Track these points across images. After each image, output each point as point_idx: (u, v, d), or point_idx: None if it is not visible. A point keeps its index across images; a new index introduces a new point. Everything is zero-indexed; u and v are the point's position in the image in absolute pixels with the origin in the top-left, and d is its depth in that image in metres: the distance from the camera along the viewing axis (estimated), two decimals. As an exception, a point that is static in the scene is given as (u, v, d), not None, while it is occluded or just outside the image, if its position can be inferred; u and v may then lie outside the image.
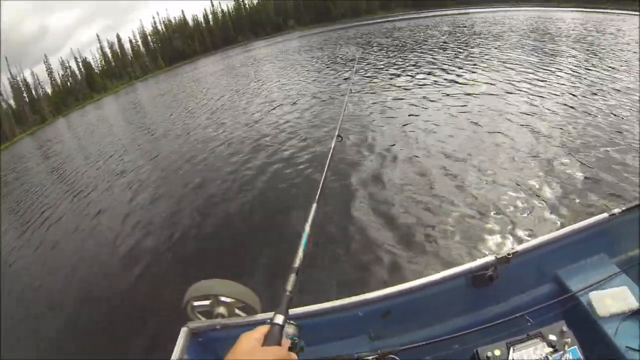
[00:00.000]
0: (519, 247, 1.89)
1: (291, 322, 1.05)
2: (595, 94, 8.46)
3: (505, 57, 14.29)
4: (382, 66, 16.53)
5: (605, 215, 1.99)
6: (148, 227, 6.63)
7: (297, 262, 1.19)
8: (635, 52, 11.98)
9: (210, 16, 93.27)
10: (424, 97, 10.59)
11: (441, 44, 21.04)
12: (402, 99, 10.97)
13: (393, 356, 1.60)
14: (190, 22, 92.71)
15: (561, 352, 1.52)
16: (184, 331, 1.67)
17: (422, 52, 18.74)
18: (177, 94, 26.95)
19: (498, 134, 7.15)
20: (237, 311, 1.76)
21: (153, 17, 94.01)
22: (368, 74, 15.23)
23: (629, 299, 1.73)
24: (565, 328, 1.59)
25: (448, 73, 13.06)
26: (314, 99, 12.97)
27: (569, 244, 1.99)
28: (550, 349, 1.54)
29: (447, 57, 16.40)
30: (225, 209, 6.48)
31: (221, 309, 1.71)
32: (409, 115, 9.30)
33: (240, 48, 71.51)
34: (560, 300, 1.82)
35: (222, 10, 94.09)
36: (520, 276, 1.99)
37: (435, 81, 12.25)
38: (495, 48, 16.86)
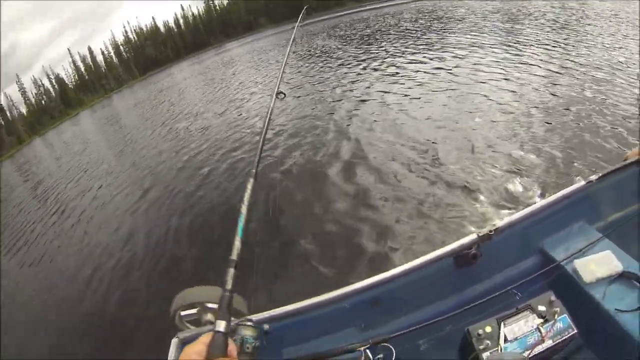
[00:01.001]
0: (500, 223, 1.87)
1: (247, 323, 1.01)
2: (565, 68, 8.52)
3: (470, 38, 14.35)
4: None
5: (582, 183, 2.01)
6: (118, 244, 6.51)
7: (234, 254, 1.05)
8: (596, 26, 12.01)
9: (181, 20, 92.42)
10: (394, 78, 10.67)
11: (404, 29, 21.11)
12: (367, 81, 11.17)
13: (385, 344, 1.59)
14: (162, 28, 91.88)
15: (552, 322, 1.53)
16: (174, 342, 1.63)
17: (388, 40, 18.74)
18: (151, 105, 26.49)
19: (467, 105, 7.26)
20: None
21: (124, 26, 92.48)
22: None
23: (613, 262, 1.73)
24: (553, 297, 1.60)
25: (418, 54, 13.11)
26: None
27: (550, 214, 2.00)
28: (541, 320, 1.56)
29: (413, 40, 16.42)
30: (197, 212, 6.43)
31: (209, 316, 1.67)
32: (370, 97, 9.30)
33: (213, 50, 70.87)
34: (546, 271, 1.81)
35: (193, 14, 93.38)
36: (504, 251, 1.99)
37: (409, 62, 12.29)
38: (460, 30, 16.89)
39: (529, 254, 2.08)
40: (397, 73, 11.50)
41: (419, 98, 8.67)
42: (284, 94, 2.27)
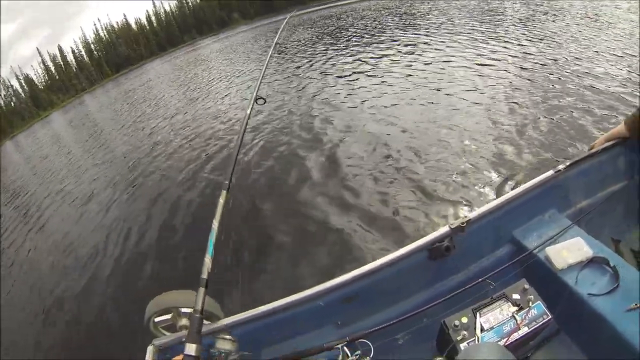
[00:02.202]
0: (472, 215, 1.90)
1: (225, 336, 0.96)
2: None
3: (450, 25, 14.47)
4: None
5: (551, 172, 2.05)
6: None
7: (204, 273, 1.00)
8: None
9: (153, 17, 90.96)
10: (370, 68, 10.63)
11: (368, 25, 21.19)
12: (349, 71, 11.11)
13: (363, 340, 1.58)
14: (134, 26, 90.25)
15: (526, 309, 1.56)
16: (150, 350, 1.59)
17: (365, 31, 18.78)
18: (122, 105, 25.86)
19: (445, 98, 7.23)
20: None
21: (94, 24, 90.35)
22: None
23: (584, 248, 1.77)
24: (527, 285, 1.63)
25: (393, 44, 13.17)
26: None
27: (520, 204, 2.03)
28: (516, 308, 1.58)
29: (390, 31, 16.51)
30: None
31: (184, 321, 1.63)
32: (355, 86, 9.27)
33: (187, 47, 69.92)
34: (519, 260, 1.83)
35: (165, 10, 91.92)
36: (477, 242, 2.01)
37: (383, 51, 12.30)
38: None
39: (501, 243, 2.11)
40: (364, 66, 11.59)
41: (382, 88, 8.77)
42: (264, 100, 2.16)
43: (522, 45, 9.58)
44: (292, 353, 1.52)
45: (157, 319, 1.66)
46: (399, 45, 13.44)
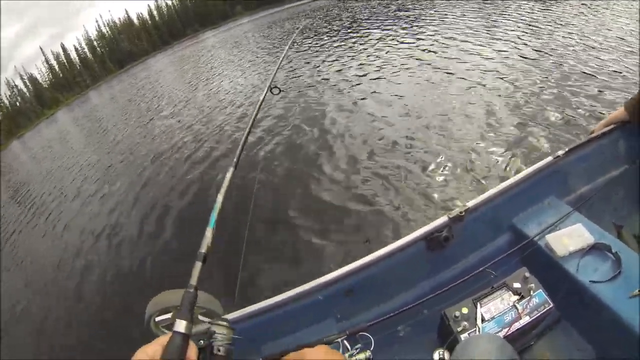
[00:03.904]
0: (470, 204, 1.87)
1: (221, 322, 0.87)
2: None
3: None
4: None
5: (550, 158, 2.01)
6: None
7: (203, 247, 0.94)
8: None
9: (155, 12, 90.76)
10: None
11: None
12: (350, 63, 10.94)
13: (363, 333, 1.58)
14: (136, 21, 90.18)
15: (527, 298, 1.54)
16: None
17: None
18: (128, 99, 25.81)
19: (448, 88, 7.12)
20: (200, 318, 1.69)
21: (97, 21, 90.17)
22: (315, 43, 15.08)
23: (585, 235, 1.74)
24: (527, 274, 1.61)
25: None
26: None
27: (519, 192, 2.00)
28: (517, 297, 1.56)
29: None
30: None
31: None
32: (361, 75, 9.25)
33: (189, 41, 69.68)
34: (519, 248, 1.81)
35: (167, 4, 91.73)
36: (476, 231, 1.98)
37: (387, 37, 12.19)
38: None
39: (501, 232, 2.08)
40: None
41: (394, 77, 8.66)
42: (279, 89, 2.07)
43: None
44: (292, 348, 1.52)
45: (157, 319, 1.65)
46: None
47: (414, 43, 11.31)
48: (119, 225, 6.57)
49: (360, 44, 13.47)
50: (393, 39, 12.68)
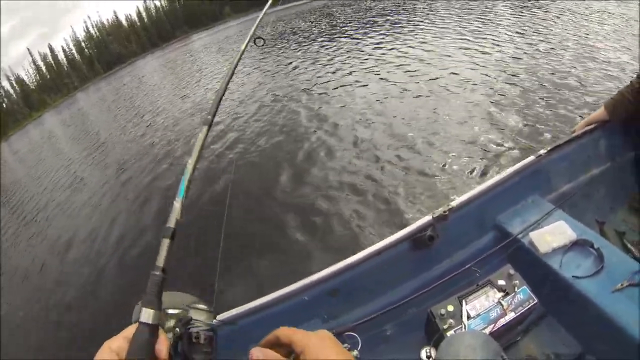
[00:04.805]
0: (454, 203, 1.89)
1: (198, 306, 0.75)
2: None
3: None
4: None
5: (532, 157, 2.06)
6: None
7: (172, 221, 0.77)
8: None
9: (143, 13, 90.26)
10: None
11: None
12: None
13: (350, 332, 1.58)
14: (124, 22, 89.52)
15: (512, 295, 1.57)
16: None
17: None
18: (116, 101, 25.61)
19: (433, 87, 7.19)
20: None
21: (85, 22, 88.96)
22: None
23: (567, 232, 1.77)
24: (512, 271, 1.64)
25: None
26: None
27: (503, 190, 2.04)
28: (501, 294, 1.59)
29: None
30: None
31: (171, 322, 1.61)
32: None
33: (179, 43, 69.34)
34: (503, 246, 1.83)
35: (156, 6, 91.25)
36: (460, 230, 2.00)
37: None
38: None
39: (485, 230, 2.10)
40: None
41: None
42: (263, 40, 1.84)
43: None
44: None
45: None
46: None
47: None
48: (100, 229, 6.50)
49: (327, 53, 13.54)
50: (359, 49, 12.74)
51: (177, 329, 0.73)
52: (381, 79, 8.70)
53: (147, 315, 0.64)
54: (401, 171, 4.75)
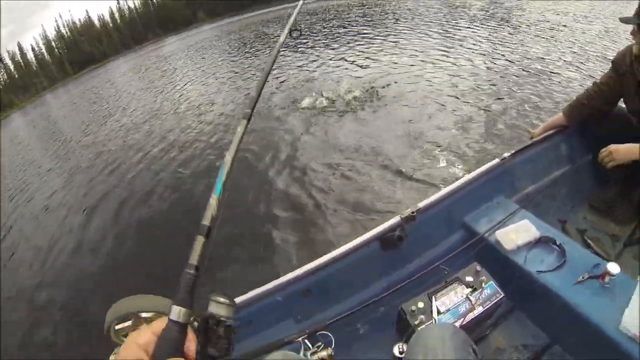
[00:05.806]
0: (422, 204, 1.99)
1: (219, 299, 0.68)
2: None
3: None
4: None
5: (497, 160, 2.20)
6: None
7: (207, 219, 0.76)
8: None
9: (116, 14, 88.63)
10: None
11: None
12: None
13: (323, 331, 1.60)
14: (97, 23, 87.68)
15: (480, 290, 1.65)
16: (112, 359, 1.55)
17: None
18: (88, 102, 24.85)
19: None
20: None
21: (56, 21, 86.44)
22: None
23: (531, 230, 1.89)
24: (479, 267, 1.71)
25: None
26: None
27: (470, 191, 2.14)
28: (469, 289, 1.66)
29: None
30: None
31: (144, 327, 1.57)
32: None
33: (152, 45, 68.23)
34: (471, 244, 1.91)
35: (129, 7, 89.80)
36: (429, 230, 2.08)
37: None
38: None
39: (452, 230, 2.18)
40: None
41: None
42: (300, 32, 1.76)
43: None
44: (252, 350, 1.49)
45: (117, 327, 1.59)
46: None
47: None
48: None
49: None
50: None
51: (196, 323, 0.68)
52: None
53: (177, 313, 0.61)
54: (365, 176, 4.87)
